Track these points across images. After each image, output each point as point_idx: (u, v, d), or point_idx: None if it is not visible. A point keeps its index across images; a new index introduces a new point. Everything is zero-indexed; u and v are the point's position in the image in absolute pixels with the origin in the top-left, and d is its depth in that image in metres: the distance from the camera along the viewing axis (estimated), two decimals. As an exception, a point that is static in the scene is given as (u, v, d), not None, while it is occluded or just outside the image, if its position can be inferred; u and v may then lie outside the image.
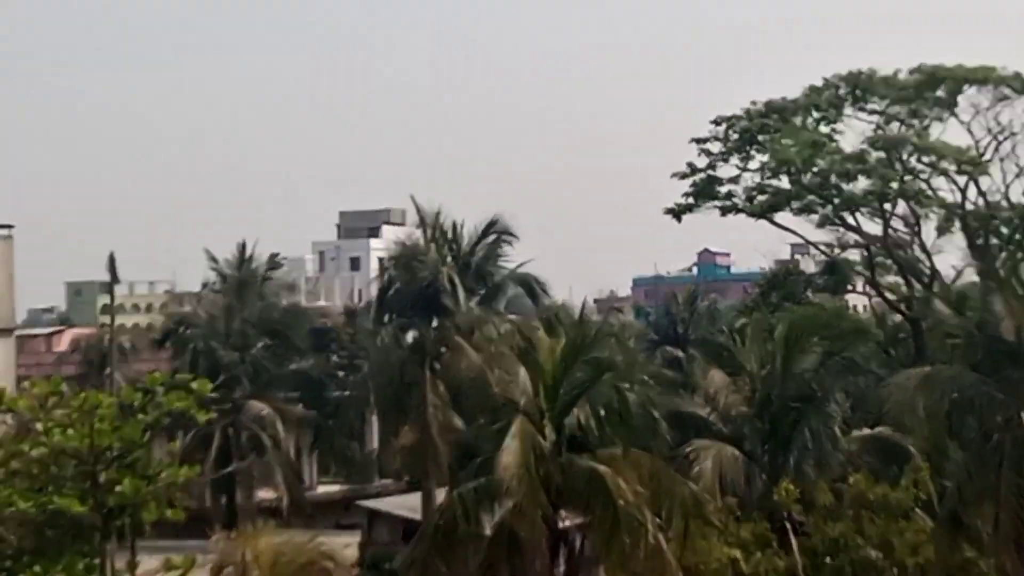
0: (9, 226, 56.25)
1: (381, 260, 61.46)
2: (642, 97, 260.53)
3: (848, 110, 65.28)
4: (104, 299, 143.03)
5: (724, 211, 64.90)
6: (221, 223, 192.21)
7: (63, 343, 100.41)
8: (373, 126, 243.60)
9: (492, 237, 50.77)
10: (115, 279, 52.36)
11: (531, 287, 51.06)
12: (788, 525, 39.05)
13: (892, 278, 67.22)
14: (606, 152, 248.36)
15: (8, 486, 33.86)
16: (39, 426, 34.11)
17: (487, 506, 32.63)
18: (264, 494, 57.44)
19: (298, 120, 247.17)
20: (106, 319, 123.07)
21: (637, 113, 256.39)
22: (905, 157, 63.36)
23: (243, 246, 62.00)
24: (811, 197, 62.84)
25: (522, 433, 31.88)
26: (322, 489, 66.04)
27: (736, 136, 65.06)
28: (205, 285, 73.49)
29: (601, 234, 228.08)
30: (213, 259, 61.98)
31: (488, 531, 33.23)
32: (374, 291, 54.45)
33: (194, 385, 34.44)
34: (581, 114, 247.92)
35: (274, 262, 64.06)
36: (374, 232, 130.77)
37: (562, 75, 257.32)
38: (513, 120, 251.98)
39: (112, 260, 50.79)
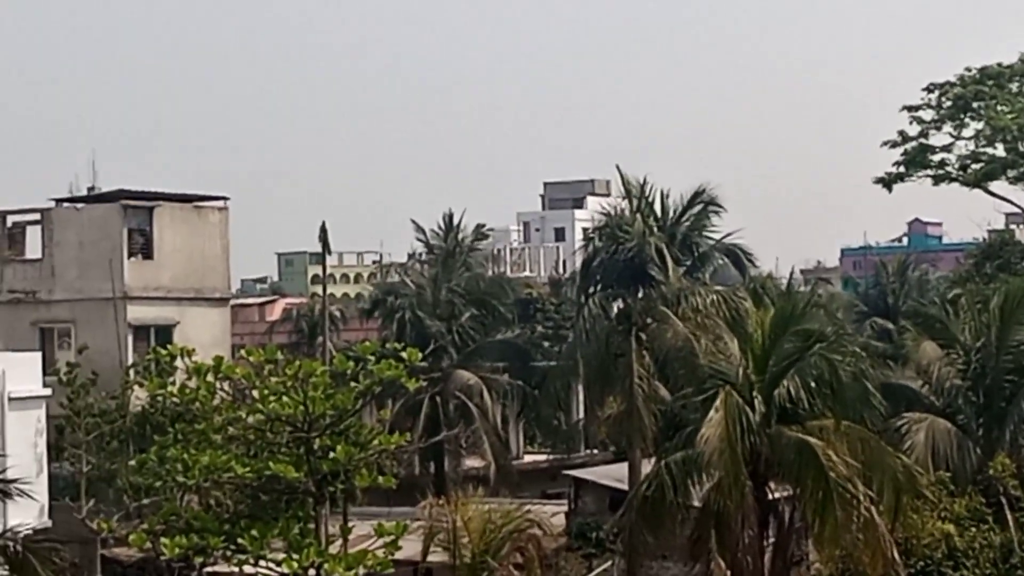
0: (224, 198, 57.57)
1: (585, 230, 61.38)
2: (852, 65, 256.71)
3: (1067, 75, 63.68)
4: (314, 269, 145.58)
5: (937, 180, 63.86)
6: (428, 194, 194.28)
7: (275, 312, 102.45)
8: (577, 97, 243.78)
9: (698, 207, 50.39)
10: (327, 249, 53.24)
11: (738, 257, 50.61)
12: (1004, 500, 38.26)
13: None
14: (813, 121, 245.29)
15: (226, 451, 34.75)
16: (255, 393, 34.92)
17: (695, 477, 32.49)
18: (471, 462, 57.95)
19: (503, 91, 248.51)
20: (316, 289, 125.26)
21: (846, 81, 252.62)
22: None
23: (449, 217, 62.49)
24: (1028, 165, 61.49)
25: (727, 405, 31.64)
26: (528, 458, 66.39)
27: (949, 103, 63.89)
28: (412, 255, 74.29)
29: (808, 204, 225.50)
30: (420, 230, 62.62)
31: (696, 502, 33.11)
32: (578, 262, 54.42)
33: (404, 354, 34.95)
34: (787, 83, 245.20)
35: (480, 233, 64.45)
36: (578, 203, 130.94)
37: (768, 42, 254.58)
38: (718, 89, 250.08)
39: (324, 230, 51.63)
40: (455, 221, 62.43)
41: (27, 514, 39.52)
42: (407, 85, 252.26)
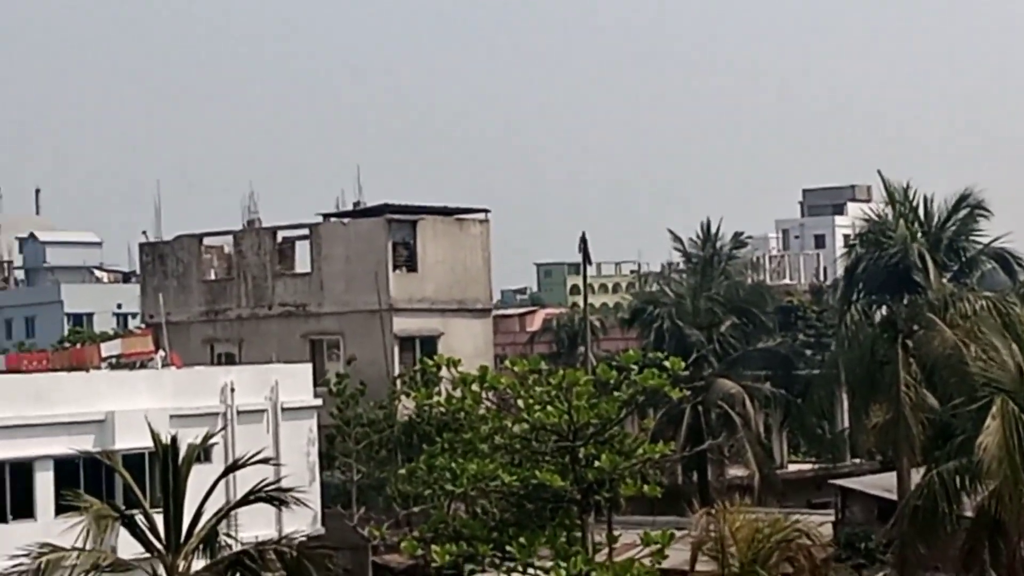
0: (485, 210, 58.31)
1: (847, 237, 60.64)
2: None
3: None
4: (572, 280, 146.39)
5: None
6: (685, 203, 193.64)
7: (535, 323, 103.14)
8: (836, 100, 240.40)
9: (964, 211, 49.32)
10: (587, 260, 53.52)
11: (1007, 262, 49.37)
12: None
13: None
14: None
15: (492, 460, 35.16)
16: (520, 403, 35.26)
17: (968, 487, 31.79)
18: (735, 472, 57.61)
19: (760, 97, 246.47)
20: (575, 299, 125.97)
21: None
22: None
23: (707, 225, 62.30)
24: None
25: (1003, 413, 30.89)
26: (792, 467, 65.74)
27: None
28: (669, 265, 74.15)
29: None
30: (677, 239, 62.52)
31: (968, 513, 32.39)
32: (840, 269, 53.74)
33: (667, 363, 34.92)
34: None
35: (738, 241, 64.09)
36: (839, 209, 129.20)
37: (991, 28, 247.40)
38: (981, 90, 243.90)
39: (584, 241, 51.90)
40: (713, 229, 62.22)
41: (301, 521, 40.61)
42: (662, 94, 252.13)
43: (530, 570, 34.39)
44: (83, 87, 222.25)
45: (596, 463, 34.23)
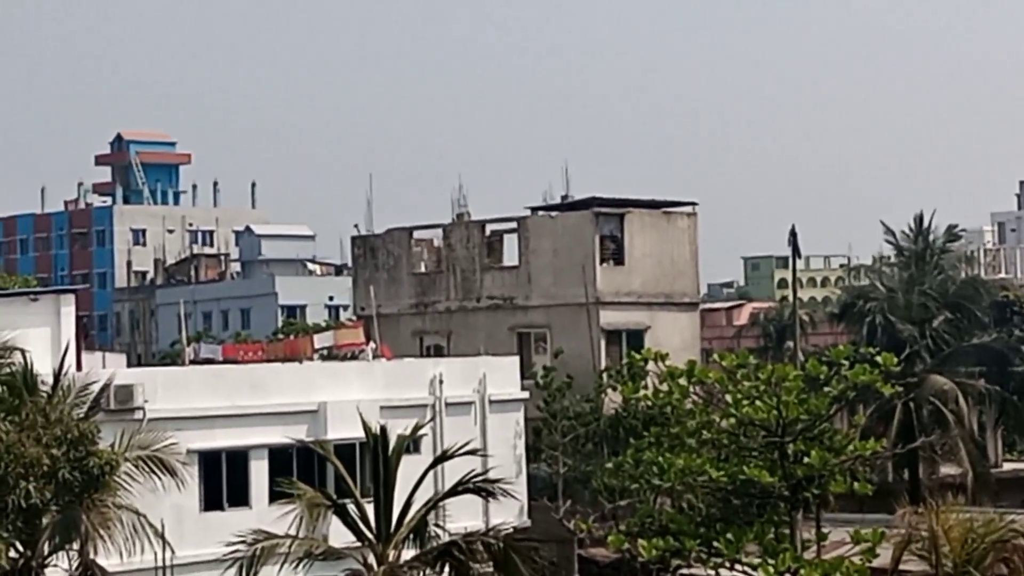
0: (693, 203, 58.00)
1: (1067, 230, 58.92)
2: None
3: None
4: (780, 273, 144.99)
5: None
6: (897, 195, 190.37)
7: (742, 317, 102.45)
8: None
9: None
10: (797, 253, 52.93)
11: None
12: None
13: None
14: None
15: (699, 455, 35.03)
16: (728, 397, 35.07)
17: None
18: (947, 470, 56.52)
19: (974, 86, 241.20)
20: (783, 293, 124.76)
21: None
22: None
23: (920, 218, 61.22)
24: None
25: None
26: (1008, 466, 64.28)
27: None
28: (880, 258, 72.96)
29: None
30: (889, 231, 61.55)
31: None
32: (1060, 262, 52.42)
33: (879, 359, 34.41)
34: None
35: (952, 233, 62.87)
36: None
37: None
38: None
39: (794, 234, 51.34)
40: (926, 222, 61.14)
41: (508, 513, 40.86)
42: (872, 84, 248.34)
43: (737, 566, 34.20)
44: (299, 82, 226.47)
45: (805, 459, 33.91)
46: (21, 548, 29.68)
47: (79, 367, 39.13)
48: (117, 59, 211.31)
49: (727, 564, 34.25)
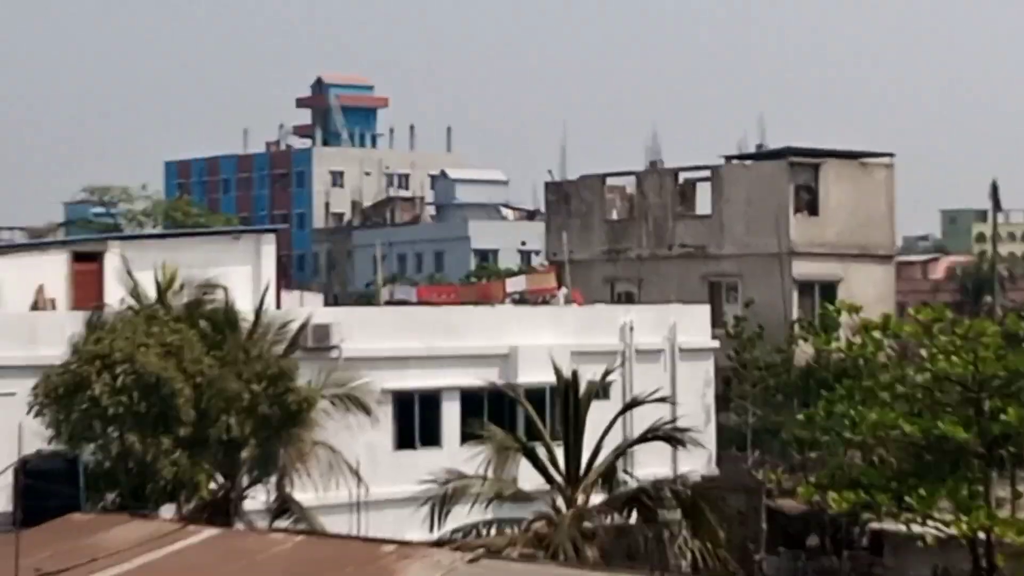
0: (890, 154, 57.14)
1: None
2: None
3: None
4: (979, 227, 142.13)
5: None
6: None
7: (938, 271, 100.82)
8: None
9: None
10: (997, 206, 51.98)
11: None
12: None
13: None
14: None
15: (892, 409, 34.67)
16: (923, 352, 34.62)
17: None
18: None
19: None
20: (981, 247, 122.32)
21: None
22: None
23: None
24: None
25: None
26: None
27: None
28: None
29: None
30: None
31: None
32: None
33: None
34: None
35: None
36: None
37: None
38: None
39: (995, 187, 50.44)
40: None
41: (696, 462, 40.89)
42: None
43: (929, 522, 33.84)
44: (502, 29, 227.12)
45: (1002, 416, 33.36)
46: (221, 479, 30.53)
47: (278, 305, 39.97)
48: (317, 3, 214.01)
49: (919, 520, 33.92)
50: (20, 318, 38.93)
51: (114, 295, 35.32)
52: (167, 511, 29.00)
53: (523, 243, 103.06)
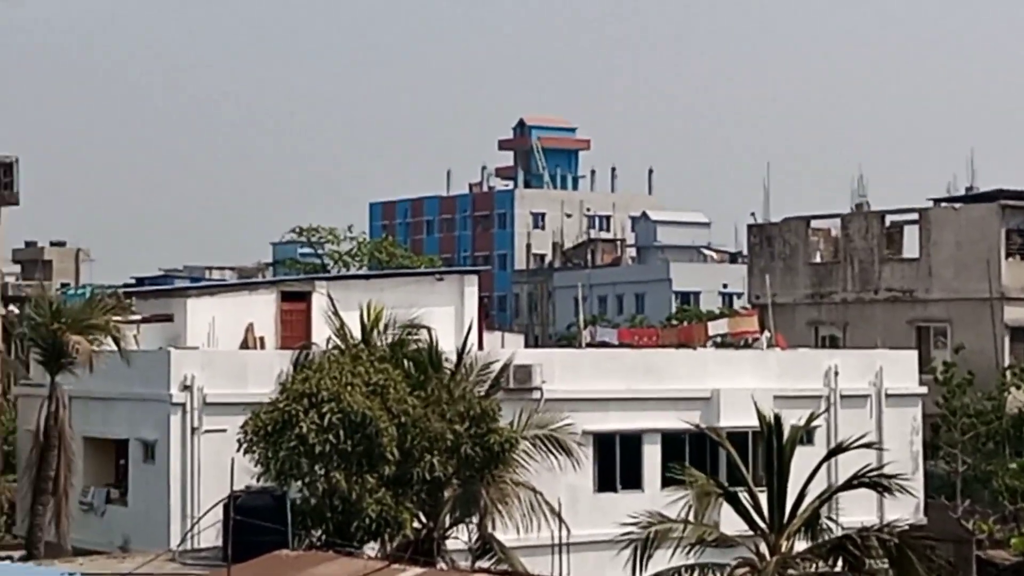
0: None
1: None
2: None
3: None
4: None
5: None
6: None
7: None
8: None
9: None
10: None
11: None
12: None
13: None
14: None
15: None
16: None
17: None
18: None
19: None
20: None
21: None
22: None
23: None
24: None
25: None
26: None
27: None
28: None
29: None
30: None
31: None
32: None
33: None
34: None
35: None
36: None
37: None
38: None
39: None
40: None
41: (903, 510, 40.10)
42: None
43: None
44: (690, 74, 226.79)
45: None
46: (424, 519, 30.77)
47: (480, 346, 40.27)
48: (521, 46, 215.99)
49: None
50: (230, 356, 39.78)
51: (321, 334, 35.92)
52: (370, 549, 29.30)
53: (725, 285, 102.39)
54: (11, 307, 50.33)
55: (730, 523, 29.73)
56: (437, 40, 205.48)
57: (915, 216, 55.86)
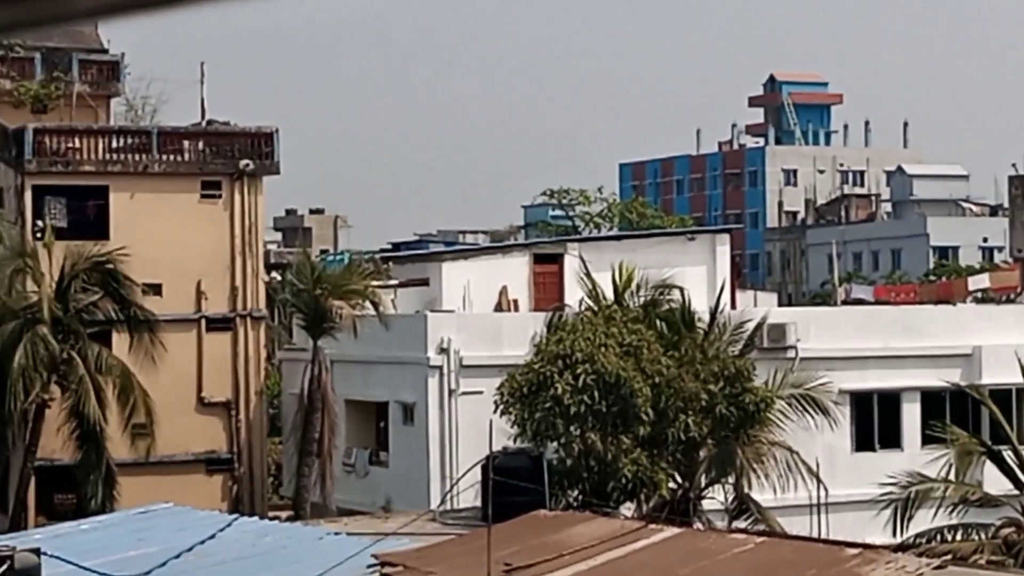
0: None
1: None
2: None
3: None
4: None
5: None
6: None
7: None
8: None
9: None
10: None
11: None
12: None
13: None
14: None
15: None
16: None
17: None
18: None
19: None
20: None
21: None
22: None
23: None
24: None
25: None
26: None
27: None
28: None
29: None
30: None
31: None
32: None
33: None
34: None
35: None
36: None
37: None
38: None
39: None
40: None
41: None
42: None
43: None
44: (956, 14, 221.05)
45: None
46: (680, 480, 30.80)
47: (733, 305, 40.06)
48: (773, 3, 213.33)
49: None
50: (485, 319, 40.29)
51: (574, 296, 36.16)
52: (626, 510, 29.44)
53: (985, 239, 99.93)
54: (274, 274, 51.78)
55: (993, 482, 29.13)
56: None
57: None
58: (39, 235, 40.62)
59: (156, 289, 42.20)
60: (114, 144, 45.09)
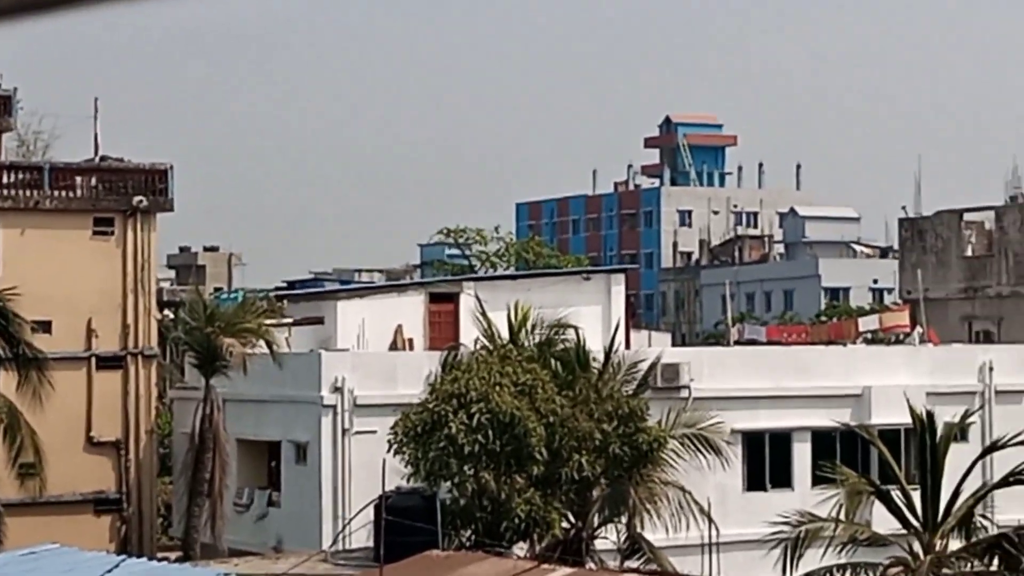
0: None
1: None
2: None
3: None
4: None
5: None
6: None
7: None
8: None
9: None
10: None
11: None
12: None
13: None
14: None
15: None
16: None
17: None
18: None
19: None
20: None
21: None
22: None
23: None
24: None
25: None
26: None
27: None
28: None
29: None
30: None
31: None
32: None
33: None
34: None
35: None
36: None
37: None
38: None
39: None
40: None
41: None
42: None
43: None
44: (840, 59, 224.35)
45: None
46: (573, 519, 30.81)
47: (627, 345, 40.23)
48: (666, 43, 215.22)
49: None
50: (380, 358, 40.17)
51: (469, 335, 36.13)
52: (519, 549, 29.40)
53: (875, 281, 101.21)
54: (167, 312, 51.31)
55: (882, 522, 29.44)
56: (582, 39, 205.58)
57: (1071, 207, 54.80)
58: (-74, 271, 39.95)
59: (46, 327, 41.70)
60: (4, 179, 44.61)
